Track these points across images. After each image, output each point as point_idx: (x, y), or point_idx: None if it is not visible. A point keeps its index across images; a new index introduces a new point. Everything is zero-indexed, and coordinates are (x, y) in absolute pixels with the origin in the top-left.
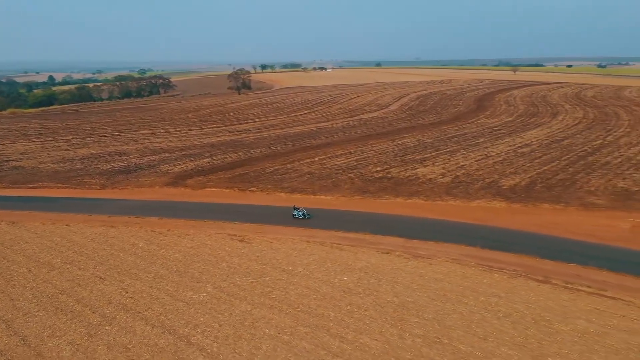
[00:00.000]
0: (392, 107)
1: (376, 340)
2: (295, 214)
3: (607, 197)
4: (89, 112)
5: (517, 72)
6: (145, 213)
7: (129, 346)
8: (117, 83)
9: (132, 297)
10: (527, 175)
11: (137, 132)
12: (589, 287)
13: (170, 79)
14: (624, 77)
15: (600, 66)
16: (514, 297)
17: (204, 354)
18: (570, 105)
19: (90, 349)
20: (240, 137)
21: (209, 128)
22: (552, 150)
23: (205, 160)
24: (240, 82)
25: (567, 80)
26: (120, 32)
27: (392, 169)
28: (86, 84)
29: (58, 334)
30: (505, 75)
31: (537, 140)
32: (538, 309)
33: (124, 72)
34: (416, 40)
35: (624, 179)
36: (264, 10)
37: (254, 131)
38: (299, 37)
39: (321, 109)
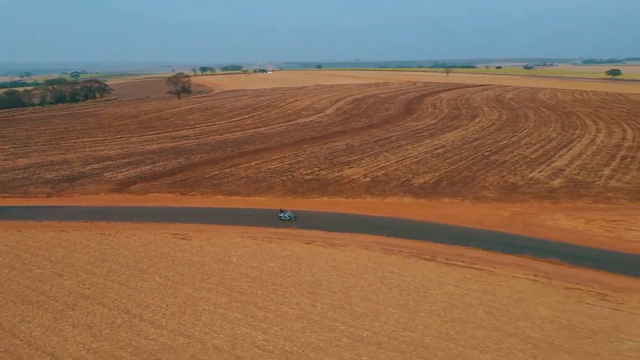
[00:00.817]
0: (327, 111)
1: (293, 309)
2: (281, 216)
3: (497, 191)
4: (23, 120)
5: (450, 74)
6: (93, 218)
7: (91, 325)
8: (50, 87)
9: (89, 288)
10: (437, 174)
11: (77, 140)
12: (463, 262)
13: (106, 83)
14: (547, 77)
15: (527, 67)
16: (405, 272)
17: (154, 326)
18: (489, 107)
19: (58, 328)
20: (180, 143)
21: (150, 135)
22: (462, 151)
23: (147, 167)
24: (179, 86)
25: (493, 82)
26: (47, 30)
27: (321, 171)
28: (15, 89)
29: (28, 320)
30: (439, 77)
31: (452, 141)
32: (421, 280)
33: (54, 75)
34: (357, 42)
35: (515, 175)
36: (204, 9)
37: (194, 137)
38: (240, 38)
39: (260, 114)
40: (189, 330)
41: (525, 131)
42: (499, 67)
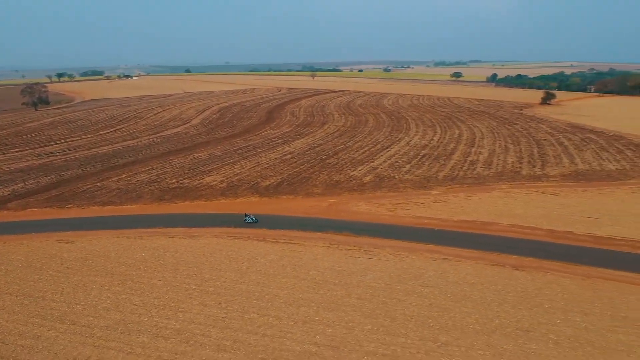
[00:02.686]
0: (194, 122)
1: (160, 280)
2: (246, 220)
3: (323, 187)
4: None
5: (315, 78)
6: None
7: (4, 307)
8: None
9: None
10: (280, 177)
11: None
12: (284, 240)
13: None
14: (402, 80)
15: (386, 70)
16: (242, 250)
17: (55, 302)
18: (339, 114)
19: None
20: (48, 160)
21: (13, 153)
22: (306, 156)
23: (19, 185)
24: (36, 96)
25: (353, 87)
26: None
27: (184, 180)
28: None
29: None
30: (304, 81)
31: (299, 148)
32: (253, 254)
33: None
34: (227, 44)
35: (339, 174)
36: (58, 6)
37: (61, 153)
38: (99, 38)
39: (127, 126)
40: (82, 301)
41: (361, 136)
42: (360, 71)
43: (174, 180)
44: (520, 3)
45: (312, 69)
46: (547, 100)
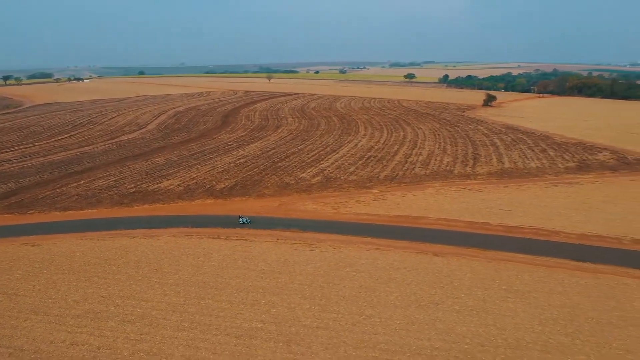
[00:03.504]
0: (150, 127)
1: (123, 275)
2: (240, 221)
3: (274, 189)
4: None
5: (271, 80)
6: None
7: None
8: None
9: None
10: (234, 180)
11: None
12: (237, 237)
13: None
14: (357, 82)
15: (341, 72)
16: (199, 247)
17: (28, 297)
18: (292, 117)
19: None
20: (4, 167)
21: None
22: (259, 160)
23: None
24: None
25: (309, 89)
26: None
27: (143, 185)
28: None
29: None
30: (261, 83)
31: (254, 152)
32: (208, 250)
33: None
34: (182, 45)
35: (290, 176)
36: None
37: (16, 161)
38: (46, 38)
39: (82, 132)
40: (53, 296)
41: (312, 139)
42: (317, 72)
43: (133, 185)
44: (472, 4)
45: (269, 71)
46: (488, 102)
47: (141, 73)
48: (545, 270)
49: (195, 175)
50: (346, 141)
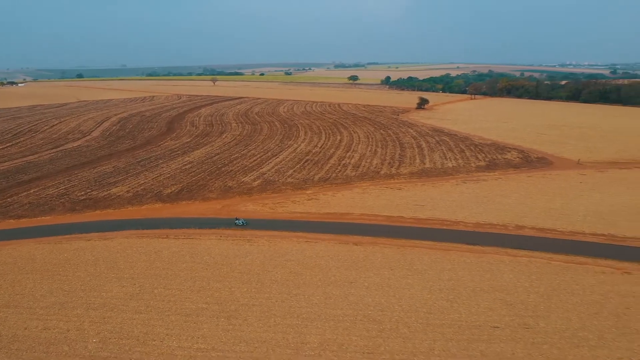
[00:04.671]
0: (94, 134)
1: (82, 273)
2: (236, 222)
3: (218, 192)
4: None
5: (216, 83)
6: None
7: None
8: None
9: None
10: (181, 185)
11: None
12: (184, 236)
13: None
14: (302, 84)
15: (287, 73)
16: (149, 247)
17: None
18: (236, 123)
19: None
20: None
21: None
22: (204, 165)
23: None
24: None
25: (255, 91)
26: None
27: (92, 192)
28: None
29: None
30: (205, 86)
31: (198, 157)
32: (158, 249)
33: None
34: (122, 45)
35: (232, 180)
36: None
37: None
38: None
39: (24, 140)
40: (21, 292)
41: (254, 144)
42: (262, 74)
43: (83, 193)
44: (416, 5)
45: (214, 73)
46: (421, 105)
47: (80, 76)
48: (442, 253)
49: (143, 182)
50: (287, 145)
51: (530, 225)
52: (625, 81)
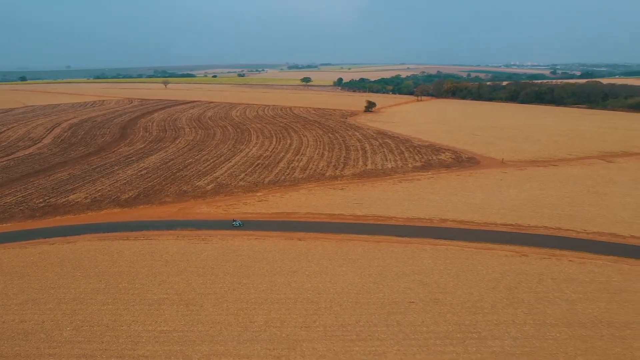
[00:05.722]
0: (45, 141)
1: (50, 273)
2: (234, 224)
3: (174, 196)
4: None
5: (168, 86)
6: None
7: None
8: None
9: None
10: (137, 190)
11: None
12: (144, 238)
13: None
14: (255, 86)
15: (240, 75)
16: (111, 247)
17: None
18: (190, 128)
19: None
20: None
21: None
22: (159, 171)
23: None
24: None
25: (207, 95)
26: None
27: (51, 199)
28: None
29: None
30: (157, 89)
31: (154, 163)
32: (120, 250)
33: None
34: (67, 45)
35: (187, 184)
36: None
37: None
38: None
39: None
40: None
41: (208, 149)
42: (215, 76)
43: (41, 200)
44: (368, 6)
45: (165, 74)
46: (369, 108)
47: (23, 78)
48: (374, 244)
49: (100, 188)
50: (239, 150)
51: (452, 218)
52: (559, 81)
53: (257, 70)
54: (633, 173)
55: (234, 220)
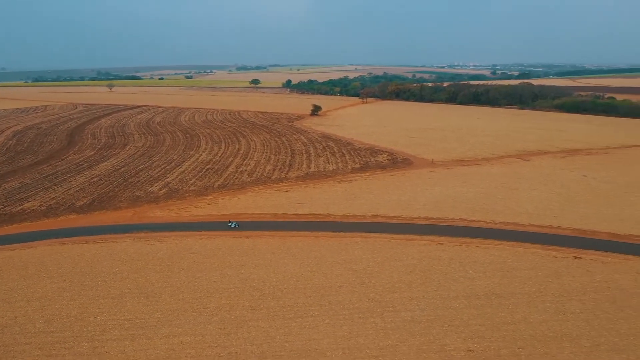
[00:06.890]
0: None
1: (15, 276)
2: (230, 225)
3: (128, 202)
4: None
5: (113, 89)
6: None
7: None
8: None
9: None
10: (92, 197)
11: None
12: (104, 241)
13: None
14: (203, 88)
15: (187, 77)
16: (71, 251)
17: None
18: (139, 134)
19: None
20: None
21: None
22: (111, 177)
23: None
24: None
25: (154, 99)
26: None
27: (5, 208)
28: None
29: None
30: (101, 93)
31: (105, 170)
32: (78, 252)
33: None
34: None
35: (140, 190)
36: None
37: None
38: None
39: None
40: None
41: (158, 155)
42: (162, 78)
43: None
44: (316, 7)
45: (109, 76)
46: (315, 112)
47: None
48: (313, 239)
49: (54, 196)
50: (189, 155)
51: (382, 214)
52: (496, 82)
53: (205, 72)
54: (543, 170)
55: (229, 222)
